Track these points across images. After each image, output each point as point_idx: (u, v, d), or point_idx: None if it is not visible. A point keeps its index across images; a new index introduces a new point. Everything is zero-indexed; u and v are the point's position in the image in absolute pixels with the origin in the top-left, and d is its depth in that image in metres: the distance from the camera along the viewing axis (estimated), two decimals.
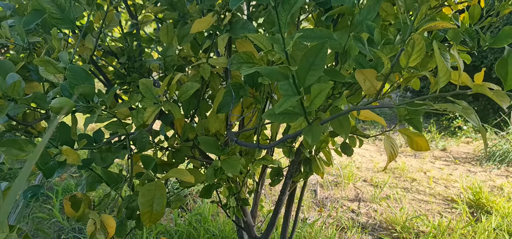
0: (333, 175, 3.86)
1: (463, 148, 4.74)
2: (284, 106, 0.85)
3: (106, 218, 1.05)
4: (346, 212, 3.07)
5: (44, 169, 0.97)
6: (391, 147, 1.08)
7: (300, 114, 0.96)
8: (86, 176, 1.22)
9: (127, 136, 1.14)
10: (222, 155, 1.31)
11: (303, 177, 1.70)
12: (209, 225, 2.41)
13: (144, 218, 1.01)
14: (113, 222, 1.07)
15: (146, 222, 1.01)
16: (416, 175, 3.85)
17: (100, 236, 0.95)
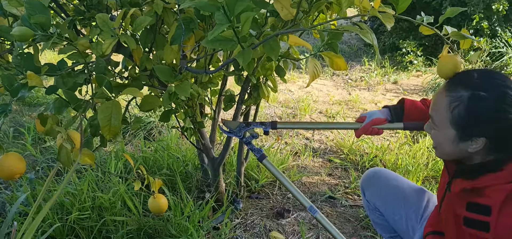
0: (291, 108, 4.12)
1: (413, 81, 5.09)
2: (215, 33, 1.03)
3: (72, 132, 1.23)
4: (301, 139, 3.36)
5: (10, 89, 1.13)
6: (314, 68, 1.29)
7: (234, 41, 1.14)
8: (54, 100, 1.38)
9: (86, 63, 1.30)
10: (175, 81, 1.49)
11: (253, 102, 1.91)
12: (173, 151, 2.63)
13: (104, 131, 1.19)
14: (78, 136, 1.25)
15: (106, 134, 1.20)
16: (367, 106, 4.17)
17: (67, 145, 1.13)
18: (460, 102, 1.00)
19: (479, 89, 0.98)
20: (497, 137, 1.00)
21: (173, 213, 1.99)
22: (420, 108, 1.41)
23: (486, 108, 0.97)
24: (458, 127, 1.02)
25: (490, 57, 5.29)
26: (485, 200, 1.00)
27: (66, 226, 1.95)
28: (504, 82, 0.98)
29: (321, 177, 2.73)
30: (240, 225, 2.20)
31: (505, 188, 0.97)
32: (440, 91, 1.07)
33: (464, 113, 1.00)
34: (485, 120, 0.99)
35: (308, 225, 2.22)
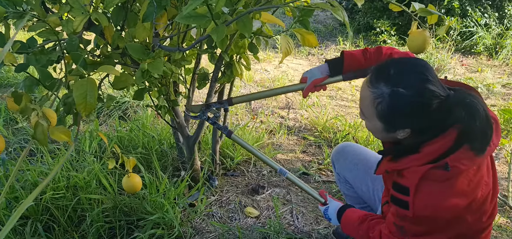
0: (267, 87, 4.15)
1: None
2: (189, 8, 1.04)
3: (47, 110, 1.23)
4: (276, 118, 3.41)
5: None
6: (287, 44, 1.32)
7: (208, 17, 1.16)
8: (24, 78, 1.36)
9: (58, 41, 1.29)
10: (148, 59, 1.49)
11: (226, 80, 1.93)
12: (148, 130, 2.64)
13: (79, 108, 1.19)
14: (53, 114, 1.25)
15: (82, 112, 1.21)
16: (341, 85, 4.24)
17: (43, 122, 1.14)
18: (382, 99, 1.03)
19: (399, 86, 1.00)
20: (420, 127, 1.05)
21: (148, 191, 2.02)
22: (358, 58, 1.47)
23: (406, 104, 1.01)
24: (384, 120, 1.07)
25: (461, 36, 5.44)
26: (404, 181, 1.07)
27: (40, 206, 1.95)
28: (423, 76, 1.00)
29: (295, 154, 2.80)
30: (216, 201, 2.25)
31: (419, 170, 1.03)
32: (365, 86, 1.09)
33: (387, 110, 1.04)
34: (406, 114, 1.03)
35: (282, 200, 2.28)
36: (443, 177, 1.01)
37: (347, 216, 1.42)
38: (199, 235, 1.99)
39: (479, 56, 5.21)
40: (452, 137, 1.01)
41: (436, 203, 1.03)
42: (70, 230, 1.93)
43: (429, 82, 0.99)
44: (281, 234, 1.95)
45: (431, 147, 1.04)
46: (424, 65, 1.02)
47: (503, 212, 2.19)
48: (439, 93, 0.99)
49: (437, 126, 1.03)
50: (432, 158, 1.03)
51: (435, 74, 1.02)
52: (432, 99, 0.99)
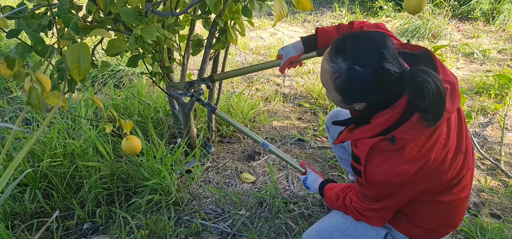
0: (262, 54, 4.13)
1: None
2: None
3: (41, 76, 1.23)
4: (272, 85, 3.40)
5: None
6: (280, 8, 1.31)
7: None
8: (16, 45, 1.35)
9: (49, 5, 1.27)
10: (141, 24, 1.48)
11: (221, 46, 1.92)
12: (144, 98, 2.64)
13: (73, 73, 1.19)
14: (47, 79, 1.25)
15: (76, 77, 1.20)
16: None
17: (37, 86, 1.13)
18: (340, 74, 1.05)
19: (356, 63, 1.02)
20: (375, 100, 1.08)
21: (145, 158, 2.03)
22: (331, 34, 1.50)
23: (362, 81, 1.02)
24: (342, 94, 1.10)
25: (458, 2, 5.38)
26: (357, 151, 1.14)
27: (38, 173, 1.96)
28: (380, 54, 1.01)
29: (291, 121, 2.81)
30: (212, 168, 2.27)
31: (369, 142, 1.09)
32: (324, 59, 1.11)
33: (344, 85, 1.06)
34: (362, 91, 1.05)
35: (278, 166, 2.31)
36: (391, 148, 1.07)
37: (327, 194, 1.49)
38: (196, 200, 2.02)
39: (476, 21, 5.17)
40: (401, 107, 1.05)
41: (385, 171, 1.09)
42: (69, 197, 1.95)
43: (385, 60, 1.00)
44: (277, 199, 1.99)
45: (380, 118, 1.07)
46: (382, 42, 1.02)
47: (494, 175, 2.23)
48: (394, 71, 1.01)
49: (389, 97, 1.06)
50: (382, 129, 1.07)
51: (392, 50, 1.02)
52: (387, 77, 1.01)
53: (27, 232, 1.79)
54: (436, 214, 1.24)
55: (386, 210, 1.22)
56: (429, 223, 1.26)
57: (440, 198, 1.19)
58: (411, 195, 1.15)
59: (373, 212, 1.22)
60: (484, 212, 1.94)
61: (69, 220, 1.88)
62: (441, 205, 1.21)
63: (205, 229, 1.84)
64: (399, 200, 1.17)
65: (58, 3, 1.28)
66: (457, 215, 1.27)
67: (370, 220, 1.26)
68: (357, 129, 1.14)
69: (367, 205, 1.22)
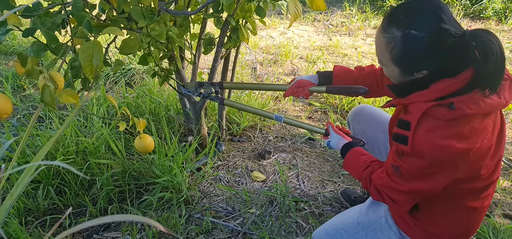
0: (272, 54, 4.13)
1: None
2: None
3: (54, 73, 1.24)
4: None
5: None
6: (295, 8, 1.30)
7: None
8: (32, 43, 1.37)
9: (63, 4, 1.29)
10: (152, 23, 1.49)
11: (232, 45, 1.92)
12: (155, 96, 2.65)
13: (86, 70, 1.20)
14: (61, 77, 1.26)
15: (88, 75, 1.21)
16: (347, 51, 4.21)
17: (50, 84, 1.15)
18: (395, 43, 1.01)
19: (411, 28, 0.98)
20: (437, 68, 1.03)
21: (157, 156, 2.05)
22: (349, 73, 1.48)
23: (420, 46, 0.98)
24: (399, 64, 1.06)
25: (470, 0, 5.33)
26: (407, 116, 1.06)
27: (51, 170, 1.99)
28: (436, 15, 0.96)
29: (301, 119, 2.81)
30: (223, 166, 2.28)
31: (423, 105, 1.02)
32: (378, 32, 1.07)
33: (401, 53, 1.02)
34: (421, 56, 1.01)
35: (288, 165, 2.31)
36: (446, 116, 1.00)
37: (352, 156, 1.39)
38: (207, 198, 2.03)
39: (488, 21, 5.11)
40: (465, 79, 1.00)
41: (433, 140, 1.01)
42: (81, 194, 1.97)
43: (442, 21, 0.95)
44: (287, 198, 1.99)
45: (441, 84, 1.02)
46: (436, 4, 0.98)
47: (507, 176, 2.20)
48: (454, 31, 0.96)
49: (452, 65, 1.01)
50: (440, 95, 1.02)
51: (449, 12, 0.97)
52: (446, 38, 0.96)
53: (41, 228, 1.82)
54: (455, 220, 1.19)
55: (412, 195, 1.13)
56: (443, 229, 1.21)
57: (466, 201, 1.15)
58: (444, 182, 1.07)
59: (399, 193, 1.14)
60: (496, 213, 1.92)
61: (81, 216, 1.90)
62: (463, 210, 1.17)
63: (216, 227, 1.84)
64: (430, 186, 1.09)
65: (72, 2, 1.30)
66: (473, 224, 1.22)
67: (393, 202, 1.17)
68: (413, 93, 1.07)
69: (396, 184, 1.13)
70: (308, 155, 2.42)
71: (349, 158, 1.39)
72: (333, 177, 2.20)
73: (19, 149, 1.18)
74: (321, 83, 1.54)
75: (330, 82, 1.52)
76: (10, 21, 1.11)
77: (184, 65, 2.05)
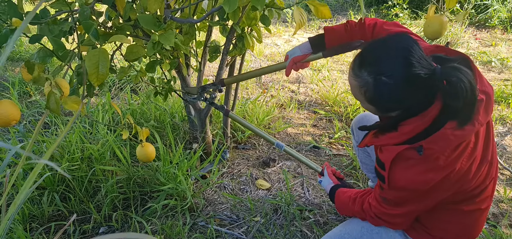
0: (277, 61, 4.13)
1: None
2: None
3: (60, 80, 1.25)
4: (287, 92, 3.40)
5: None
6: (300, 16, 1.31)
7: None
8: (38, 50, 1.38)
9: (70, 11, 1.30)
10: (159, 30, 1.49)
11: (238, 52, 1.93)
12: (160, 103, 2.66)
13: (92, 78, 1.21)
14: (66, 84, 1.27)
15: (94, 82, 1.22)
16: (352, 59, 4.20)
17: (55, 91, 1.15)
18: (367, 88, 1.03)
19: (381, 75, 0.99)
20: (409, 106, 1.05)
21: (162, 163, 2.04)
22: (339, 32, 1.45)
23: (392, 91, 1.00)
24: (375, 105, 1.08)
25: (475, 9, 5.32)
26: (382, 156, 1.12)
27: (56, 176, 1.99)
28: (405, 60, 0.97)
29: (306, 128, 2.80)
30: (227, 173, 2.27)
31: (395, 149, 1.06)
32: (350, 73, 1.08)
33: (374, 97, 1.04)
34: (393, 100, 1.03)
35: (293, 173, 2.30)
36: (416, 158, 1.05)
37: (339, 198, 1.46)
38: (211, 206, 2.02)
39: (493, 30, 5.10)
40: (431, 117, 1.02)
41: (409, 178, 1.07)
42: (86, 201, 1.97)
43: (411, 65, 0.96)
44: (292, 206, 1.98)
45: (408, 126, 1.05)
46: (405, 46, 0.98)
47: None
48: (423, 73, 0.97)
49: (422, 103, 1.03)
50: (409, 137, 1.05)
51: (418, 50, 0.98)
52: (417, 81, 0.97)
53: (45, 234, 1.82)
54: (455, 224, 1.22)
55: (406, 216, 1.20)
56: (447, 234, 1.24)
57: (461, 206, 1.17)
58: (433, 202, 1.13)
59: (393, 217, 1.21)
60: (503, 223, 1.90)
61: (86, 223, 1.90)
62: (461, 214, 1.19)
63: (220, 235, 1.84)
64: (420, 207, 1.15)
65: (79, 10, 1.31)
66: (476, 227, 1.24)
67: (391, 225, 1.24)
68: (383, 135, 1.12)
69: (387, 210, 1.20)
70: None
71: (337, 199, 1.48)
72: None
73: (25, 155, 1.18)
74: (315, 50, 1.51)
75: (323, 46, 1.49)
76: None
77: (189, 73, 2.05)
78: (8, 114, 1.15)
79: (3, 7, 1.17)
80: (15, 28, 1.10)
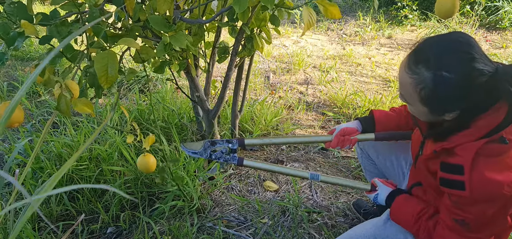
0: (285, 62, 4.12)
1: (408, 36, 5.08)
2: None
3: (70, 82, 1.25)
4: (295, 93, 3.39)
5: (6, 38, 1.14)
6: (309, 16, 1.29)
7: None
8: (47, 50, 1.38)
9: (79, 13, 1.30)
10: (170, 31, 1.49)
11: (247, 53, 1.92)
12: (168, 104, 2.66)
13: (101, 80, 1.20)
14: (76, 85, 1.27)
15: (103, 84, 1.22)
16: (361, 60, 4.17)
17: (66, 94, 1.15)
18: (424, 85, 0.95)
19: (442, 69, 0.92)
20: (468, 107, 0.98)
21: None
22: (390, 117, 1.42)
23: (452, 88, 0.93)
24: (430, 105, 1.00)
25: (485, 11, 5.26)
26: (456, 160, 1.00)
27: (65, 176, 2.00)
28: (468, 55, 0.91)
29: (314, 129, 2.78)
30: (235, 175, 2.27)
31: (473, 146, 0.97)
32: (403, 70, 1.01)
33: (432, 95, 0.96)
34: (454, 98, 0.96)
35: None
36: (500, 151, 0.96)
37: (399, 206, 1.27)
38: (219, 207, 2.01)
39: (504, 31, 5.04)
40: (504, 109, 0.96)
41: (495, 178, 0.95)
42: (94, 201, 1.97)
43: (474, 60, 0.90)
44: (300, 208, 1.96)
45: (484, 120, 0.97)
46: (467, 41, 0.92)
47: None
48: (486, 70, 0.91)
49: (485, 102, 0.96)
50: (485, 132, 0.97)
51: (479, 48, 0.92)
52: (479, 78, 0.91)
53: (53, 234, 1.82)
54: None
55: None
56: None
57: None
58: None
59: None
60: None
61: (94, 223, 1.91)
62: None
63: (228, 237, 1.83)
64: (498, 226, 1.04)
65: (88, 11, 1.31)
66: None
67: None
68: (454, 136, 1.01)
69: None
70: (321, 165, 2.39)
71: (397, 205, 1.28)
72: (346, 188, 2.17)
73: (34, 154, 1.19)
74: (365, 130, 1.45)
75: (372, 128, 1.43)
76: (27, 31, 1.12)
77: (198, 73, 2.05)
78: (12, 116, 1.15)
79: (12, 8, 1.17)
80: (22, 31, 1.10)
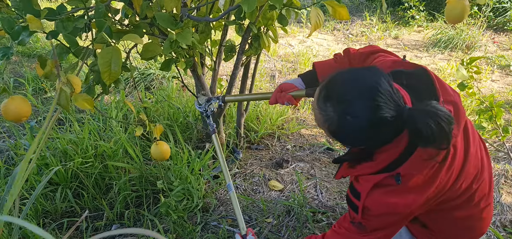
0: (291, 62, 4.10)
1: (414, 36, 5.04)
2: None
3: (72, 77, 1.24)
4: None
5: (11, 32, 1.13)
6: (317, 17, 1.28)
7: None
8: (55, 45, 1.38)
9: (85, 8, 1.29)
10: (176, 29, 1.48)
11: (253, 52, 1.91)
12: (174, 101, 2.65)
13: (104, 76, 1.20)
14: (78, 80, 1.26)
15: (106, 80, 1.21)
16: None
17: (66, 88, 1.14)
18: (331, 123, 0.97)
19: (346, 113, 0.93)
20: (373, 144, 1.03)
21: (173, 162, 2.04)
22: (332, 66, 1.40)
23: (357, 131, 0.95)
24: (338, 140, 1.04)
25: (493, 12, 5.22)
26: (358, 186, 1.09)
27: (69, 173, 2.00)
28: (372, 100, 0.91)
29: (319, 129, 2.77)
30: (240, 174, 2.26)
31: (372, 179, 1.05)
32: (315, 102, 1.02)
33: (338, 133, 0.99)
34: (358, 139, 0.99)
35: (306, 174, 2.27)
36: (395, 184, 1.03)
37: None
38: (223, 206, 2.01)
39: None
40: (405, 142, 0.99)
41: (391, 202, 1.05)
42: (99, 198, 1.97)
43: (379, 108, 0.90)
44: (305, 208, 1.95)
45: (384, 154, 1.02)
46: (374, 86, 0.91)
47: None
48: (390, 115, 0.91)
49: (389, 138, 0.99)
50: (385, 165, 1.03)
51: (386, 91, 0.91)
52: (383, 123, 0.92)
53: (58, 230, 1.82)
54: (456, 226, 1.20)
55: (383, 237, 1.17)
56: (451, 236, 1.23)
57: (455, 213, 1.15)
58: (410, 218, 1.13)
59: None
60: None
61: (98, 220, 1.90)
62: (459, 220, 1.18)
63: (232, 236, 1.82)
64: (396, 229, 1.15)
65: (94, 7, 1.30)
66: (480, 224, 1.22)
67: None
68: (359, 165, 1.08)
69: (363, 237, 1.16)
70: (326, 165, 2.38)
71: None
72: None
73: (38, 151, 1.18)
74: (307, 84, 1.44)
75: (315, 81, 1.42)
76: (32, 25, 1.11)
77: (204, 72, 2.04)
78: (19, 110, 1.16)
79: (18, 3, 1.17)
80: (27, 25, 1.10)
